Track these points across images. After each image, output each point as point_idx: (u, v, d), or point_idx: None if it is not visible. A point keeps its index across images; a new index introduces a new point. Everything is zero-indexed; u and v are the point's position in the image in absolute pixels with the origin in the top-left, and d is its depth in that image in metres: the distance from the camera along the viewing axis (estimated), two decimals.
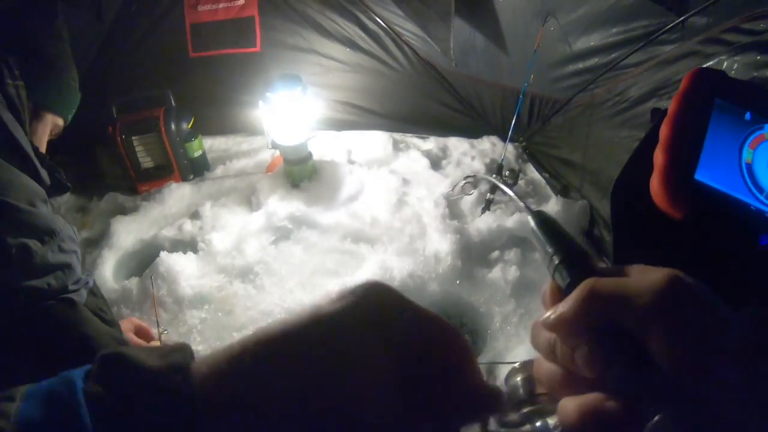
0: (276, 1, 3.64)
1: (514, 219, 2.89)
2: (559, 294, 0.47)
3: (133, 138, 3.42)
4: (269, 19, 3.69)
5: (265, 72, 3.68)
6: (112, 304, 2.69)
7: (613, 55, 2.76)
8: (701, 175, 0.49)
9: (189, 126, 3.57)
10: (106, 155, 3.76)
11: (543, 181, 3.33)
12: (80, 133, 3.70)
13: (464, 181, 2.96)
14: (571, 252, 0.49)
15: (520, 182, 3.18)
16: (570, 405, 0.42)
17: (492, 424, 0.52)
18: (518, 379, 0.57)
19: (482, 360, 2.36)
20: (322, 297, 0.45)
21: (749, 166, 0.49)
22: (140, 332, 1.88)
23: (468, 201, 3.14)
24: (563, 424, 0.43)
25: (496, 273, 2.69)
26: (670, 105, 0.50)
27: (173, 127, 3.45)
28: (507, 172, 3.01)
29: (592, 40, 2.82)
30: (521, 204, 0.64)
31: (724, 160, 0.49)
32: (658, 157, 0.50)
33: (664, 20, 2.45)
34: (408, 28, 3.56)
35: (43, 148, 1.60)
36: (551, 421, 0.52)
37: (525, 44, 3.10)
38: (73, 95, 1.69)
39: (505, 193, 2.86)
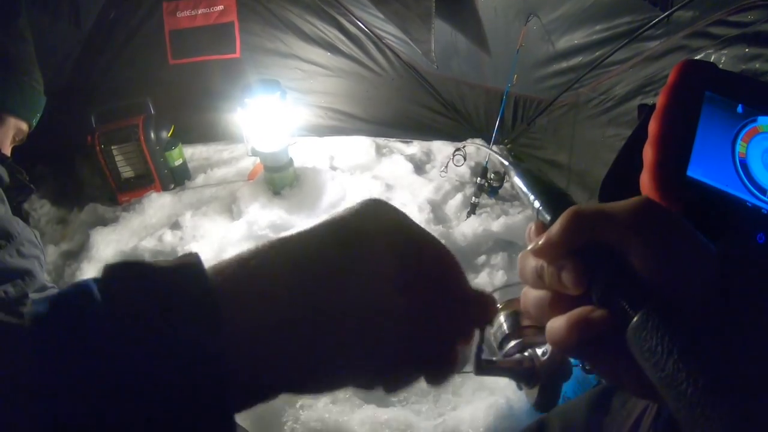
0: (255, 6, 3.55)
1: (500, 223, 2.81)
2: (543, 229, 0.48)
3: (112, 147, 3.31)
4: (249, 24, 3.59)
5: (245, 78, 3.59)
6: None
7: (597, 53, 2.69)
8: (693, 171, 0.48)
9: (169, 134, 3.46)
10: (86, 165, 3.64)
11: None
12: (60, 143, 3.65)
13: (454, 154, 2.91)
14: (552, 194, 0.52)
15: (506, 185, 3.08)
16: (559, 321, 0.44)
17: (485, 353, 0.57)
18: (501, 317, 0.60)
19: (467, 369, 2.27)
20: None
21: (743, 161, 0.48)
22: None
23: (453, 205, 3.06)
24: (553, 340, 0.44)
25: (482, 278, 2.61)
26: (659, 98, 0.49)
27: (153, 135, 3.34)
28: (492, 175, 2.92)
29: (576, 38, 2.75)
30: (502, 160, 0.68)
31: (717, 154, 0.48)
32: (648, 153, 0.49)
33: (649, 16, 2.39)
34: (389, 31, 3.47)
35: (6, 152, 1.54)
36: (539, 350, 0.56)
37: (508, 44, 3.02)
38: (37, 98, 1.60)
39: (479, 193, 2.79)
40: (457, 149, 2.85)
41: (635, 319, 0.38)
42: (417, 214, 2.94)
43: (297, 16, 3.53)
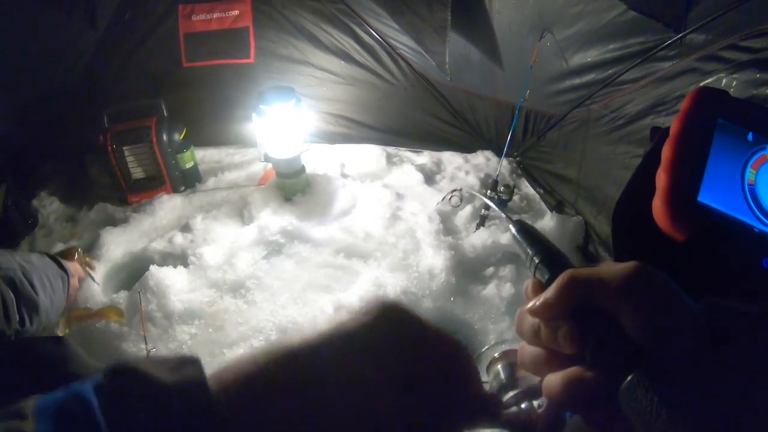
0: (270, 12, 3.61)
1: (509, 235, 2.82)
2: (540, 288, 0.52)
3: (124, 148, 3.36)
4: (263, 30, 3.65)
5: (259, 83, 3.64)
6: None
7: (609, 71, 2.74)
8: (704, 197, 0.50)
9: (181, 137, 3.51)
10: (96, 165, 3.68)
11: (537, 197, 3.29)
12: (70, 142, 3.72)
13: (450, 195, 2.96)
14: (548, 252, 0.56)
15: (515, 197, 3.14)
16: (554, 378, 0.47)
17: None
18: (499, 366, 0.65)
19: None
20: (342, 311, 0.51)
21: (752, 188, 0.49)
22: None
23: (462, 216, 3.10)
24: (548, 395, 0.48)
25: (490, 290, 2.64)
26: (672, 125, 0.51)
27: (165, 137, 3.39)
28: (502, 188, 2.97)
29: (589, 56, 2.79)
30: (502, 215, 0.77)
31: (727, 181, 0.50)
32: (661, 178, 0.51)
33: (662, 37, 2.44)
34: (403, 42, 3.53)
35: None
36: (535, 402, 0.59)
37: (521, 59, 3.07)
38: None
39: (488, 206, 2.85)
40: (454, 191, 2.91)
41: (626, 381, 0.41)
42: (427, 224, 2.99)
43: (312, 24, 3.59)
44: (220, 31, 3.67)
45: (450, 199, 2.95)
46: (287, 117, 3.05)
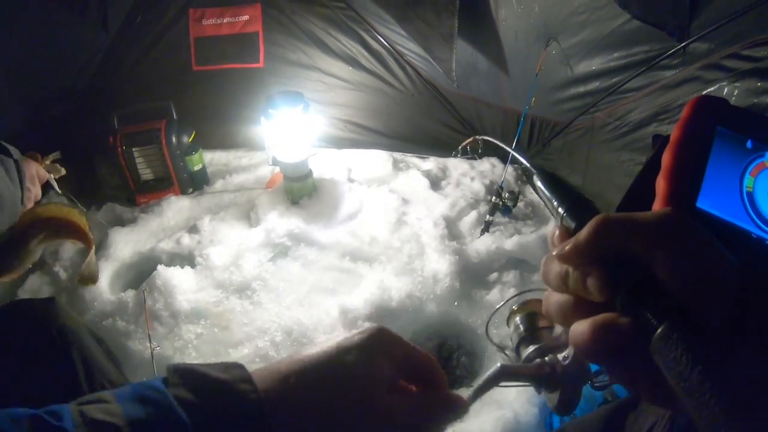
0: (280, 17, 3.67)
1: (513, 241, 2.88)
2: (568, 235, 0.52)
3: (133, 149, 3.42)
4: (273, 35, 3.71)
5: (267, 87, 3.70)
6: (108, 315, 2.69)
7: (614, 80, 2.77)
8: (703, 203, 0.50)
9: (190, 139, 3.57)
10: (105, 165, 3.74)
11: (542, 204, 3.30)
12: (80, 142, 3.77)
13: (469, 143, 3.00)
14: (576, 200, 0.57)
15: (519, 204, 3.17)
16: (582, 325, 0.46)
17: (507, 360, 0.65)
18: (518, 318, 0.67)
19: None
20: (342, 335, 0.66)
21: (750, 194, 0.49)
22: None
23: (467, 222, 3.14)
24: (576, 343, 0.47)
25: (494, 295, 2.67)
26: (672, 132, 0.51)
27: (174, 139, 3.45)
28: (507, 194, 3.01)
29: (594, 64, 2.83)
30: (526, 163, 0.98)
31: (726, 187, 0.50)
32: (661, 184, 0.51)
33: (666, 46, 2.47)
34: (410, 48, 3.58)
35: None
36: (559, 355, 0.61)
37: (527, 67, 3.11)
38: None
39: (493, 212, 2.88)
40: (474, 138, 2.94)
41: (660, 329, 0.40)
42: (432, 229, 3.02)
43: (321, 30, 3.65)
44: (230, 35, 3.73)
45: (469, 147, 2.94)
46: (295, 121, 3.10)
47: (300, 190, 3.26)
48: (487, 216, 3.02)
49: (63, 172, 1.75)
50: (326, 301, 2.72)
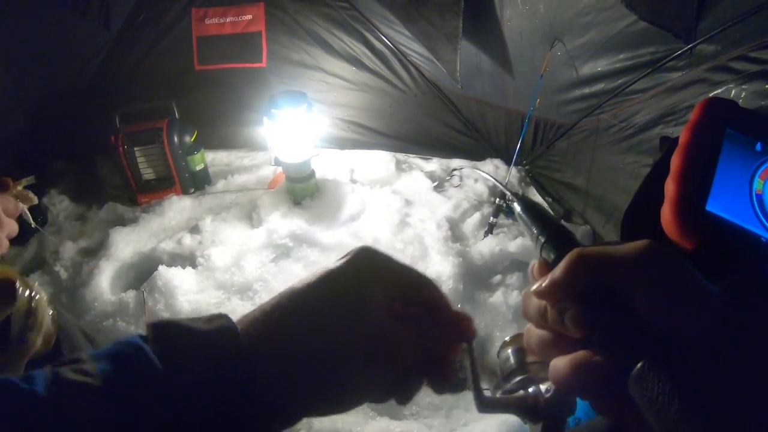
0: (283, 17, 3.67)
1: (517, 243, 2.88)
2: (546, 268, 0.52)
3: (135, 149, 3.42)
4: (276, 34, 3.71)
5: (270, 87, 3.70)
6: (108, 316, 2.68)
7: (619, 81, 2.77)
8: (712, 206, 0.49)
9: (192, 139, 3.57)
10: (106, 165, 3.76)
11: (546, 205, 3.32)
12: (81, 142, 3.78)
13: (450, 175, 3.00)
14: (555, 231, 0.56)
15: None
16: (561, 362, 0.46)
17: (489, 392, 0.61)
18: (509, 351, 0.66)
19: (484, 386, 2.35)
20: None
21: (759, 197, 0.49)
22: None
23: (471, 224, 3.14)
24: (555, 380, 0.47)
25: (497, 297, 2.67)
26: (681, 134, 0.51)
27: (176, 139, 3.46)
28: (510, 195, 3.00)
29: (599, 65, 2.83)
30: (506, 191, 0.80)
31: (735, 190, 0.49)
32: (670, 187, 0.51)
33: (672, 47, 2.47)
34: (414, 49, 3.58)
35: None
36: (543, 386, 0.60)
37: (531, 68, 3.11)
38: None
39: (497, 214, 2.88)
40: (454, 170, 2.93)
41: (637, 367, 0.40)
42: (435, 230, 3.03)
43: (324, 30, 3.65)
44: (233, 35, 3.74)
45: (450, 178, 2.97)
46: (298, 121, 3.10)
47: (302, 191, 3.26)
48: (491, 218, 3.02)
49: (35, 201, 1.43)
50: None
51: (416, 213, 3.22)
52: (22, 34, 3.49)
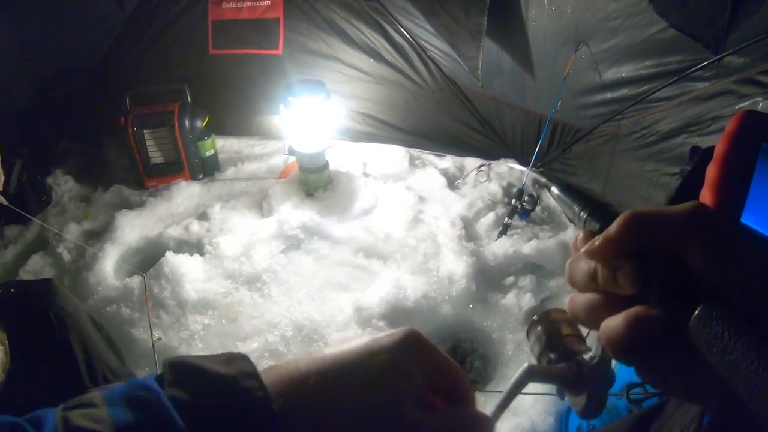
0: (302, 5, 3.69)
1: (531, 246, 2.90)
2: (592, 237, 0.52)
3: (144, 131, 3.44)
4: (294, 22, 3.73)
5: (285, 75, 3.72)
6: (112, 301, 2.71)
7: (643, 88, 2.79)
8: (746, 219, 0.50)
9: (203, 124, 3.58)
10: (114, 146, 3.78)
11: (559, 209, 3.33)
12: (89, 122, 3.80)
13: (477, 170, 3.01)
14: (596, 206, 0.59)
15: (537, 209, 3.18)
16: (615, 320, 0.47)
17: (533, 367, 0.61)
18: (539, 328, 0.65)
19: (494, 388, 2.38)
20: (372, 335, 0.58)
21: None
22: None
23: (484, 223, 3.16)
24: (609, 339, 0.47)
25: (510, 299, 2.70)
26: (717, 146, 0.51)
27: (187, 123, 3.47)
28: (526, 197, 3.03)
29: (624, 71, 2.85)
30: (541, 178, 0.71)
31: None
32: (707, 197, 0.51)
33: (700, 57, 2.49)
34: (434, 44, 3.60)
35: None
36: (586, 356, 0.59)
37: (554, 70, 3.14)
38: None
39: (512, 215, 2.90)
40: (481, 166, 2.95)
41: (699, 309, 0.41)
42: (449, 229, 3.06)
43: (343, 20, 3.67)
44: (250, 20, 3.76)
45: (478, 172, 2.98)
46: (316, 111, 3.12)
47: (315, 182, 3.29)
48: (506, 218, 3.05)
49: (2, 178, 1.40)
50: (339, 297, 2.74)
51: (429, 210, 3.25)
52: (34, 11, 3.49)
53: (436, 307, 2.66)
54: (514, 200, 3.03)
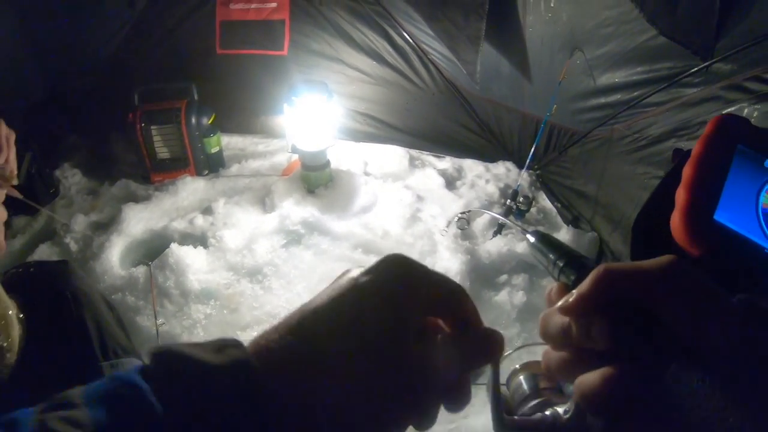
0: (307, 7, 3.80)
1: (525, 245, 2.91)
2: (566, 290, 0.52)
3: (152, 127, 3.55)
4: (299, 24, 3.84)
5: (290, 76, 3.83)
6: (117, 290, 2.81)
7: (635, 93, 2.87)
8: (720, 216, 0.53)
9: (209, 122, 3.69)
10: (121, 141, 3.89)
11: (554, 211, 3.45)
12: (97, 117, 3.90)
13: (458, 217, 3.12)
14: (572, 256, 0.61)
15: (532, 209, 3.30)
16: (590, 377, 0.47)
17: (505, 418, 0.59)
18: (520, 377, 0.66)
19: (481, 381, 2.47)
20: (353, 268, 0.54)
21: (766, 211, 0.52)
22: None
23: (480, 223, 3.24)
24: (583, 395, 0.47)
25: (503, 296, 2.78)
26: (695, 147, 0.54)
27: (194, 120, 3.58)
28: (521, 198, 3.13)
29: (617, 76, 2.94)
30: (518, 226, 0.76)
31: (742, 203, 0.53)
32: (680, 195, 0.55)
33: (689, 64, 2.56)
34: (435, 48, 3.70)
35: None
36: (560, 409, 0.58)
37: (549, 74, 3.23)
38: None
39: (506, 215, 2.99)
40: (462, 214, 3.06)
41: (672, 367, 0.42)
42: (446, 227, 3.16)
43: (347, 23, 3.78)
44: (257, 21, 3.87)
45: (457, 221, 3.12)
46: (318, 110, 3.23)
47: (317, 180, 3.39)
48: (500, 218, 3.15)
49: (15, 180, 1.36)
50: None
51: (427, 209, 3.34)
52: (46, 8, 3.62)
53: None
54: (509, 201, 3.14)
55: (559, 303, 0.50)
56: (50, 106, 3.84)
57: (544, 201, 3.53)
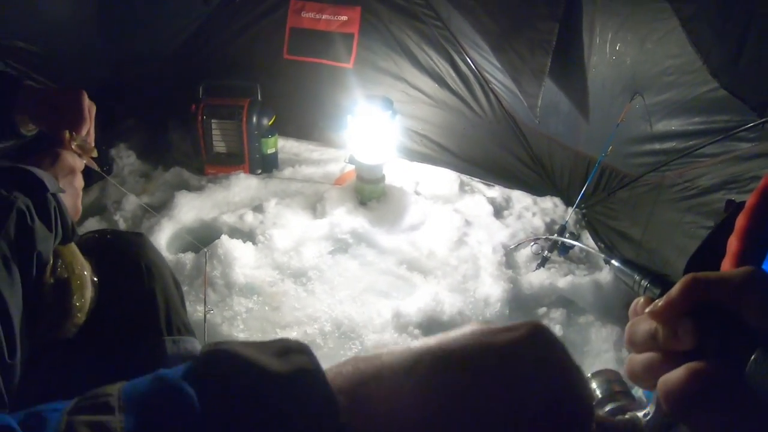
0: (377, 24, 4.04)
1: (567, 280, 3.14)
2: (651, 301, 0.55)
3: (213, 121, 3.82)
4: (367, 40, 4.09)
5: (353, 89, 4.06)
6: None
7: (690, 143, 2.99)
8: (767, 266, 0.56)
9: (269, 123, 3.95)
10: (178, 130, 4.12)
11: (596, 250, 3.58)
12: (157, 103, 4.21)
13: (532, 242, 3.31)
14: (656, 275, 0.71)
15: (575, 248, 3.46)
16: (675, 374, 0.50)
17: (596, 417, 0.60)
18: (594, 383, 0.68)
19: None
20: (485, 324, 0.53)
21: None
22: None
23: (525, 254, 3.42)
24: (668, 392, 0.50)
25: None
26: (749, 198, 0.58)
27: (255, 120, 3.84)
28: (568, 235, 3.31)
29: (673, 124, 3.08)
30: (602, 255, 0.90)
31: None
32: (732, 243, 0.58)
33: (746, 119, 2.69)
34: (497, 77, 3.90)
35: None
36: (640, 413, 0.60)
37: (608, 116, 3.39)
38: None
39: (552, 249, 3.17)
40: (537, 239, 3.28)
41: (756, 353, 0.45)
42: (491, 254, 3.33)
43: (414, 43, 4.02)
44: (326, 32, 4.14)
45: (532, 246, 3.32)
46: (382, 125, 3.48)
47: (371, 193, 3.63)
48: (546, 252, 3.34)
49: (95, 153, 1.42)
50: (379, 303, 3.02)
51: (474, 234, 3.52)
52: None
53: None
54: (556, 235, 3.34)
55: (648, 308, 0.54)
56: (111, 88, 4.08)
57: (588, 240, 3.68)
